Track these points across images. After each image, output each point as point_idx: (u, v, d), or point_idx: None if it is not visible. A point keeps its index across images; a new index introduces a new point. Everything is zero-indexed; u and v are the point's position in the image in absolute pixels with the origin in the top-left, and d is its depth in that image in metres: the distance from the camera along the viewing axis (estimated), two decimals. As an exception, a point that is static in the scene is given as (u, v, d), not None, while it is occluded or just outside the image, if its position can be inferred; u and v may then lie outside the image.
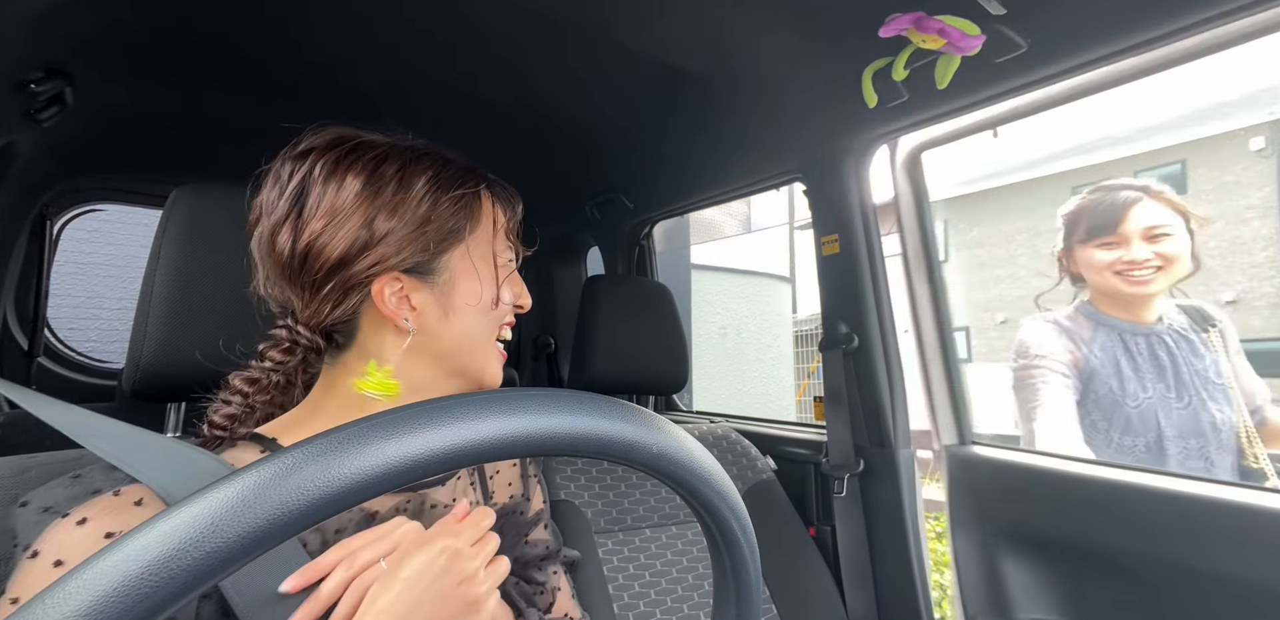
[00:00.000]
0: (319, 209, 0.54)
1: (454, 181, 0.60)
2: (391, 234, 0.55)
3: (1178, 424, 1.22)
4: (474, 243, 0.60)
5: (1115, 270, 1.25)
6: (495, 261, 0.62)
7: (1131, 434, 1.23)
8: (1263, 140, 8.85)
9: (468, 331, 0.60)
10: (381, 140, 0.60)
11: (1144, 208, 1.23)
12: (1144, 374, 1.26)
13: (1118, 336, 1.29)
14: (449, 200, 0.59)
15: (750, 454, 1.29)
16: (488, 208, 0.62)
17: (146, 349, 0.66)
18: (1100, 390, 1.26)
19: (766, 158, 1.32)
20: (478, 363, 0.61)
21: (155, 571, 0.24)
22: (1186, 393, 1.25)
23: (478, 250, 0.60)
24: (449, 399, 0.31)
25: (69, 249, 3.95)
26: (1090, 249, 1.28)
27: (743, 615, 0.43)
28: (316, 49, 1.06)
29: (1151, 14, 0.73)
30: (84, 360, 1.83)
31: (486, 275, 0.60)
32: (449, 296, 0.58)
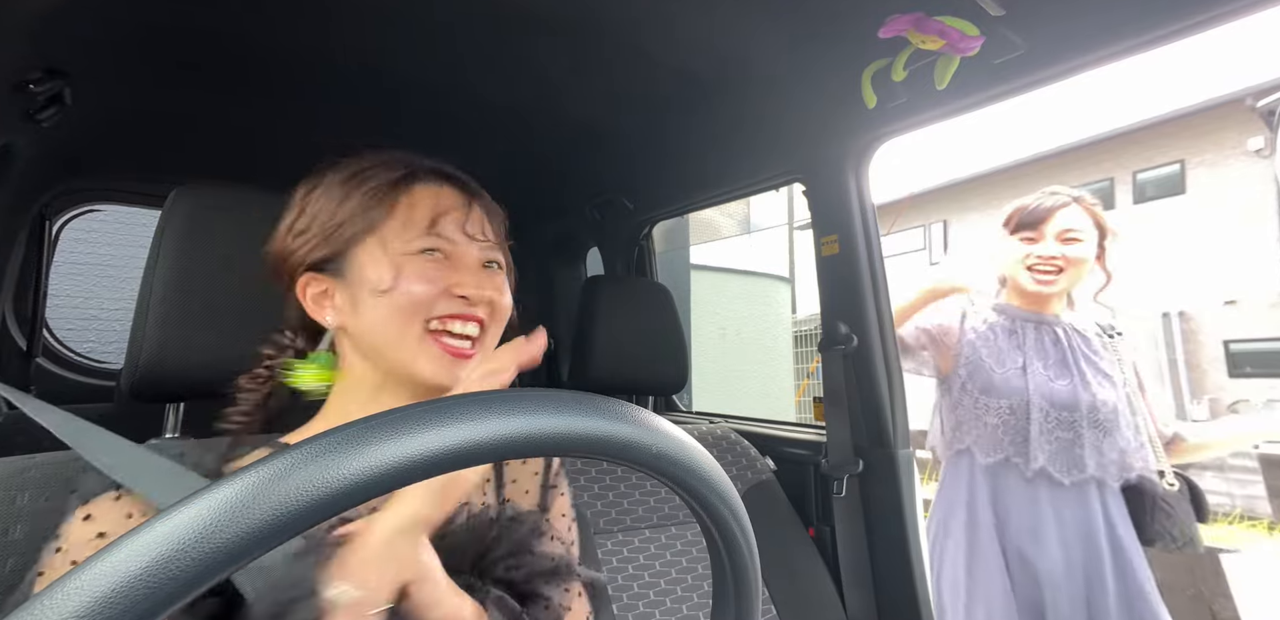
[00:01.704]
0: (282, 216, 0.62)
1: (370, 175, 0.61)
2: (305, 233, 0.60)
3: (1049, 395, 1.33)
4: (388, 235, 0.59)
5: (1026, 264, 1.36)
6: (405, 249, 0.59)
7: (993, 395, 1.35)
8: (1260, 140, 8.86)
9: (377, 323, 0.58)
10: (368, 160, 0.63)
11: (1068, 212, 1.34)
12: (1024, 351, 1.38)
13: (1008, 319, 1.41)
14: (361, 194, 0.59)
15: (750, 454, 1.29)
16: (406, 199, 0.60)
17: (145, 350, 0.66)
18: (970, 356, 1.38)
19: (766, 158, 1.32)
20: (401, 357, 0.58)
21: (154, 571, 0.24)
22: (1069, 373, 1.35)
23: (394, 241, 0.59)
24: (448, 399, 0.31)
25: (68, 249, 3.95)
26: (1012, 242, 1.38)
27: (742, 616, 0.43)
28: (316, 50, 1.06)
29: (1149, 15, 0.73)
30: (82, 361, 1.83)
31: (393, 262, 0.58)
32: (357, 289, 0.58)
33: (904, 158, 10.65)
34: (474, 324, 0.60)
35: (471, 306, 0.59)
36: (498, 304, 0.62)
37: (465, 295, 0.59)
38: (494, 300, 0.61)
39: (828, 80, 1.05)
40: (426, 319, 0.58)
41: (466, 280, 0.59)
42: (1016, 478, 1.32)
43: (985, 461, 1.34)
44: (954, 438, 1.39)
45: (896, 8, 0.80)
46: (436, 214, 0.60)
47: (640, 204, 1.70)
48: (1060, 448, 1.30)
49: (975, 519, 1.33)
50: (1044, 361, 1.36)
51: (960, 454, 1.38)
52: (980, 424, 1.35)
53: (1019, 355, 1.36)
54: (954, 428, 1.39)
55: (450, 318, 0.59)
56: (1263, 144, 8.86)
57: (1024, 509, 1.31)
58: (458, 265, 0.60)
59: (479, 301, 0.60)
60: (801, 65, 1.05)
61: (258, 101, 1.25)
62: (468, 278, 0.59)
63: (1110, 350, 1.40)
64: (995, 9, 0.77)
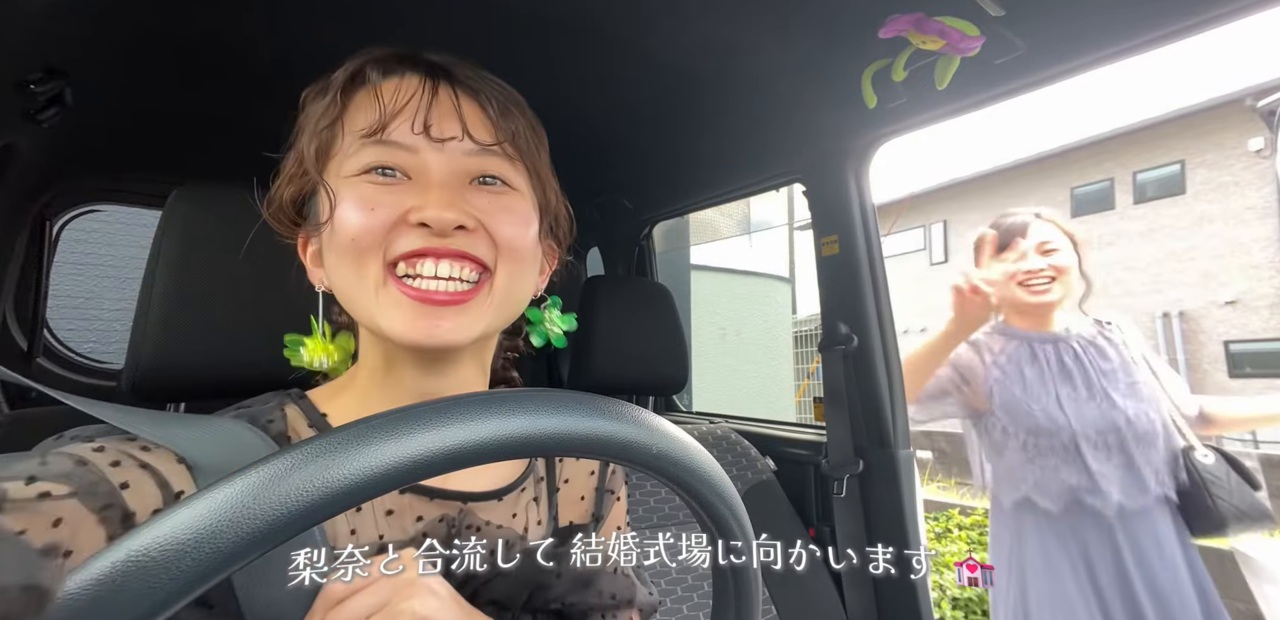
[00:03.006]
0: None
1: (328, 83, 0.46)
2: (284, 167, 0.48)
3: (1090, 422, 1.29)
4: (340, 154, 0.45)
5: (1018, 281, 1.37)
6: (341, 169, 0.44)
7: (1040, 434, 1.30)
8: (1260, 140, 8.86)
9: (334, 275, 0.45)
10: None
11: (1036, 227, 1.38)
12: (1049, 379, 1.34)
13: (1026, 346, 1.39)
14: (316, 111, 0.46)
15: (750, 455, 1.29)
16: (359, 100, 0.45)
17: (146, 350, 0.66)
18: (1003, 395, 1.34)
19: (766, 158, 1.32)
20: (365, 312, 0.44)
21: (154, 572, 0.24)
22: (1095, 393, 1.32)
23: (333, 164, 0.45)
24: (449, 399, 0.31)
25: (68, 249, 3.95)
26: (995, 265, 1.39)
27: (742, 616, 0.43)
28: (315, 50, 1.06)
29: (1149, 15, 0.73)
30: (83, 361, 1.83)
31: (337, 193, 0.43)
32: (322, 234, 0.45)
33: (904, 158, 10.65)
34: (458, 262, 0.43)
35: (440, 237, 0.42)
36: (500, 233, 0.45)
37: (424, 221, 0.42)
38: (487, 227, 0.44)
39: (828, 80, 1.05)
40: (388, 262, 0.43)
41: (428, 200, 0.42)
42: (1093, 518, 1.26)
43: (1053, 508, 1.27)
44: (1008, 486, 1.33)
45: (896, 8, 0.80)
46: (386, 113, 0.43)
47: (640, 204, 1.70)
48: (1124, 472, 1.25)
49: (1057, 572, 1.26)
50: (1072, 385, 1.32)
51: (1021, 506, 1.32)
52: (1035, 468, 1.29)
53: (1049, 384, 1.33)
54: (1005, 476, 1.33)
55: (414, 256, 0.42)
56: (1263, 144, 8.86)
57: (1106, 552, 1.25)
58: (419, 183, 0.44)
59: (444, 229, 0.42)
60: (801, 65, 1.05)
61: (258, 102, 1.24)
62: (430, 196, 0.43)
63: (1116, 346, 1.38)
64: (995, 9, 0.77)
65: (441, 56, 0.48)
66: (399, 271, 0.43)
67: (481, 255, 0.44)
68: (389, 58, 0.46)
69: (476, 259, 0.44)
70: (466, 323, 0.44)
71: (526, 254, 0.47)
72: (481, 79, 0.48)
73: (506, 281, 0.46)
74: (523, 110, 0.50)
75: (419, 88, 0.45)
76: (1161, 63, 9.59)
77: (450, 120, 0.45)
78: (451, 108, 0.45)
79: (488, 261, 0.45)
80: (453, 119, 0.45)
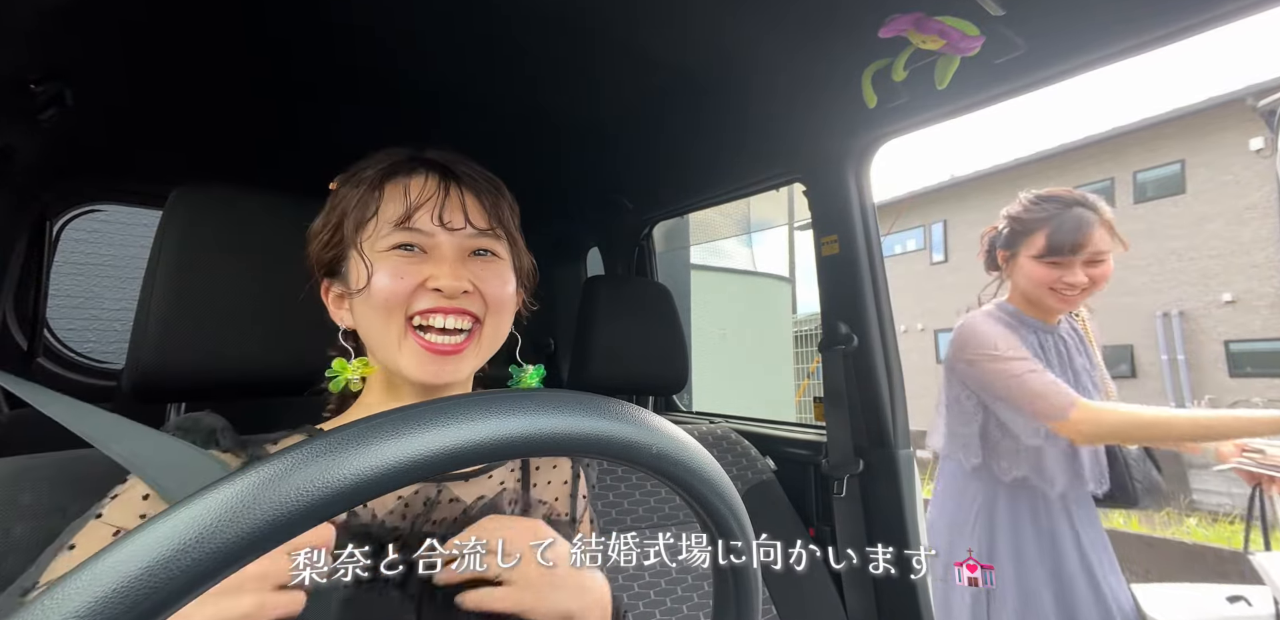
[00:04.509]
0: None
1: (362, 175, 0.60)
2: (316, 237, 0.61)
3: None
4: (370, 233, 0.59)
5: (1051, 287, 1.31)
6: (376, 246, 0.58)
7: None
8: (1261, 140, 8.85)
9: (364, 323, 0.59)
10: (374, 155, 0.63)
11: (1098, 235, 1.28)
12: (1053, 369, 1.35)
13: (1034, 335, 1.39)
14: (352, 195, 0.60)
15: (750, 454, 1.29)
16: (389, 194, 0.59)
17: (146, 350, 0.66)
18: None
19: (766, 158, 1.32)
20: (387, 355, 0.58)
21: (154, 572, 0.24)
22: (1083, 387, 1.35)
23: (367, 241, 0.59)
24: (449, 399, 0.31)
25: (69, 249, 3.95)
26: (1036, 264, 1.32)
27: (742, 616, 0.43)
28: (317, 51, 1.06)
29: (1149, 15, 0.73)
30: (83, 361, 1.83)
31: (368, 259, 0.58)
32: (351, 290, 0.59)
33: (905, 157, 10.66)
34: (460, 317, 0.58)
35: (449, 299, 0.57)
36: (490, 294, 0.59)
37: (439, 287, 0.56)
38: (480, 290, 0.59)
39: (828, 80, 1.05)
40: (408, 316, 0.57)
41: (441, 272, 0.57)
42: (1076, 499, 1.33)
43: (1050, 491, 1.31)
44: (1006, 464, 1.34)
45: (896, 8, 0.80)
46: (412, 207, 0.58)
47: (640, 204, 1.70)
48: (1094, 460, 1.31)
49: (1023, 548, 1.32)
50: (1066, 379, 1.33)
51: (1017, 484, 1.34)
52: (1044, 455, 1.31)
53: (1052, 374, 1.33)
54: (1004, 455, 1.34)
55: (429, 312, 0.57)
56: (1263, 144, 8.85)
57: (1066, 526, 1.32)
58: (434, 257, 0.58)
59: (454, 293, 0.57)
60: (802, 65, 1.05)
61: (258, 102, 1.25)
62: (443, 269, 0.57)
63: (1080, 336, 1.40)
64: (995, 9, 0.77)
65: (446, 156, 0.63)
66: (415, 323, 0.57)
67: (475, 310, 0.59)
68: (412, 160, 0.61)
69: (472, 314, 0.59)
70: (462, 366, 0.59)
71: (507, 306, 0.62)
72: (477, 175, 0.63)
73: (492, 330, 0.61)
74: (504, 194, 0.64)
75: (437, 188, 0.59)
76: (1161, 63, 9.59)
77: (458, 213, 0.59)
78: (459, 203, 0.60)
79: (479, 315, 0.59)
80: (459, 211, 0.60)
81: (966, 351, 1.33)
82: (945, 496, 1.41)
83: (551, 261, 2.13)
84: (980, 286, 1.49)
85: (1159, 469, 1.36)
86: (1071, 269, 1.28)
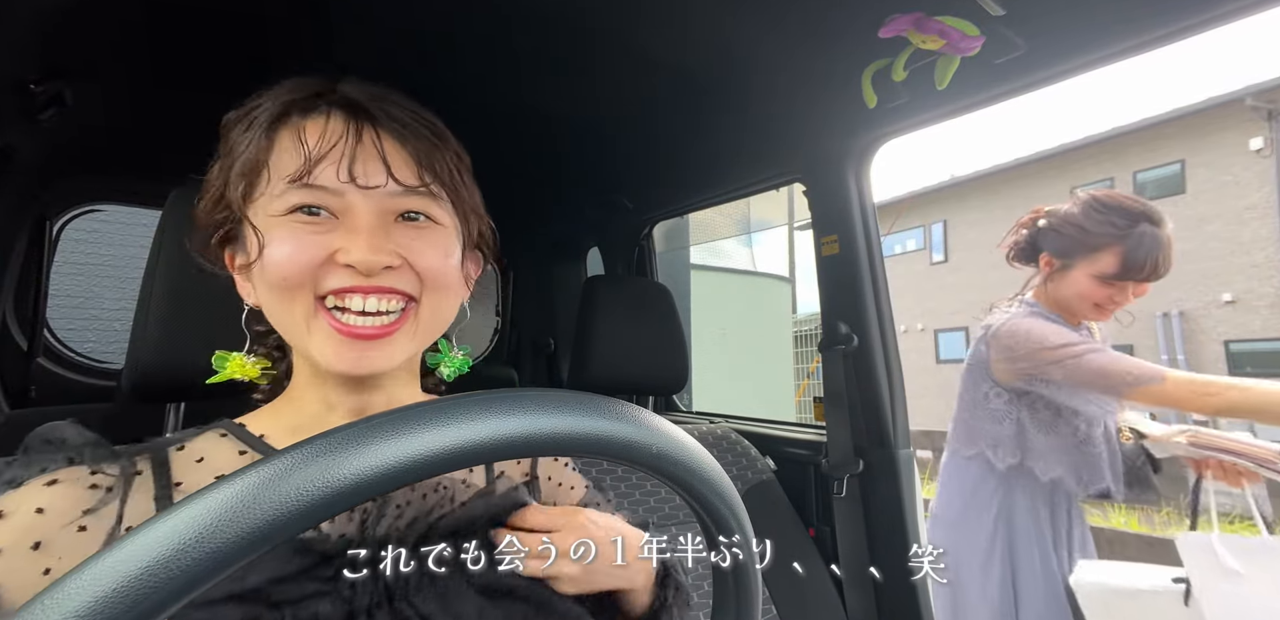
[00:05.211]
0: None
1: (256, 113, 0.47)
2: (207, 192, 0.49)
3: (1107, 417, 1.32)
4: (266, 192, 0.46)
5: (1098, 303, 1.28)
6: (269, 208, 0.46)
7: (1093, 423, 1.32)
8: (1261, 140, 8.86)
9: (264, 301, 0.47)
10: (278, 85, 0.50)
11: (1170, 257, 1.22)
12: None
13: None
14: (243, 141, 0.47)
15: (750, 454, 1.29)
16: (288, 139, 0.46)
17: (146, 350, 0.66)
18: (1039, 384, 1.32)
19: (766, 158, 1.32)
20: (296, 341, 0.47)
21: (154, 572, 0.24)
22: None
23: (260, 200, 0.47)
24: (449, 399, 0.31)
25: (68, 249, 3.95)
26: (1095, 282, 1.26)
27: (742, 616, 0.43)
28: (316, 50, 1.06)
29: (1149, 15, 0.73)
30: (83, 361, 1.83)
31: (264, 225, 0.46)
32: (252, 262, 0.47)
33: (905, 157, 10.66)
34: (385, 297, 0.46)
35: (367, 277, 0.45)
36: (424, 268, 0.47)
37: (350, 263, 0.44)
38: (411, 263, 0.46)
39: (828, 80, 1.05)
40: (317, 295, 0.45)
41: (354, 243, 0.44)
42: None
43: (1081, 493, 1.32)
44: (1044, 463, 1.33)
45: (896, 8, 0.80)
46: (312, 158, 0.45)
47: (640, 204, 1.70)
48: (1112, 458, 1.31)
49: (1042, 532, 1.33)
50: None
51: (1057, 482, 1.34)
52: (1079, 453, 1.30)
53: None
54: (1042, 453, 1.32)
55: (343, 292, 0.45)
56: (1263, 144, 8.86)
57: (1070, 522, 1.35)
58: (345, 224, 0.45)
59: (372, 270, 0.44)
60: (802, 65, 1.05)
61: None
62: (356, 240, 0.44)
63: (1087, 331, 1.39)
64: (995, 9, 0.77)
65: (361, 90, 0.49)
66: (328, 303, 0.45)
67: (406, 288, 0.47)
68: (310, 95, 0.48)
69: (402, 292, 0.47)
70: (392, 352, 0.47)
71: (450, 282, 0.49)
72: (405, 114, 0.49)
73: (431, 310, 0.49)
74: (445, 140, 0.51)
75: (343, 132, 0.46)
76: (1161, 63, 9.59)
77: (374, 165, 0.46)
78: (375, 153, 0.46)
79: (413, 293, 0.47)
80: (377, 164, 0.46)
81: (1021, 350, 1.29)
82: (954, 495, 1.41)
83: (551, 261, 2.13)
84: (980, 287, 1.49)
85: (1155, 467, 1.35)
86: (1126, 290, 1.25)
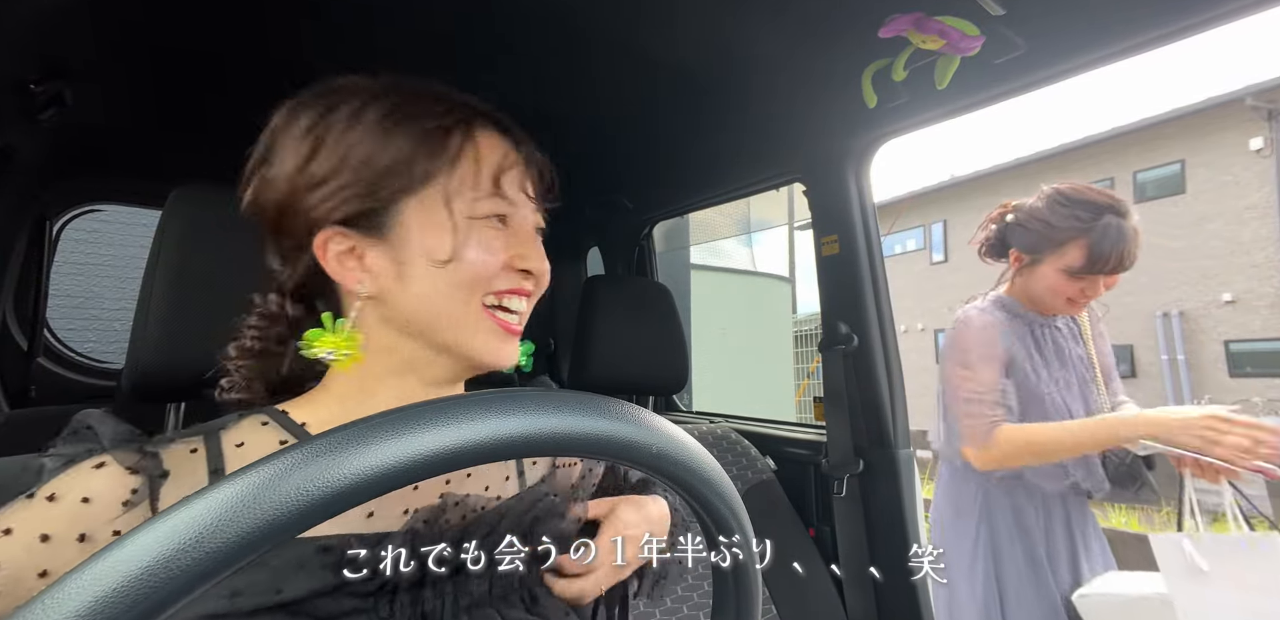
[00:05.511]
0: (273, 159, 0.50)
1: (419, 114, 0.50)
2: (328, 179, 0.48)
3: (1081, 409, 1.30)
4: (443, 188, 0.49)
5: (1069, 297, 1.27)
6: (470, 211, 0.50)
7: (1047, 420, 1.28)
8: (1261, 140, 8.85)
9: (428, 295, 0.49)
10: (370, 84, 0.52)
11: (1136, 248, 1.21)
12: (1051, 363, 1.33)
13: (1028, 327, 1.34)
14: (406, 137, 0.49)
15: (750, 454, 1.29)
16: (469, 148, 0.51)
17: (146, 349, 0.66)
18: (1019, 377, 1.30)
19: (766, 158, 1.32)
20: (458, 336, 0.50)
21: (154, 572, 0.24)
22: (1077, 380, 1.33)
23: (453, 201, 0.50)
24: (449, 399, 0.31)
25: (68, 249, 3.96)
26: (1063, 277, 1.25)
27: (742, 616, 0.43)
28: (317, 50, 1.06)
29: (1149, 15, 0.73)
30: (83, 360, 1.83)
31: (459, 226, 0.49)
32: (403, 253, 0.49)
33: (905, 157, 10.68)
34: (526, 299, 0.54)
35: (526, 280, 0.53)
36: (546, 277, 0.55)
37: (528, 269, 0.52)
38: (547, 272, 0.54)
39: (828, 80, 1.05)
40: (485, 293, 0.51)
41: (529, 252, 0.52)
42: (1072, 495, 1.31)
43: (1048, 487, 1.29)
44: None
45: (896, 8, 0.80)
46: (500, 170, 0.51)
47: (640, 204, 1.70)
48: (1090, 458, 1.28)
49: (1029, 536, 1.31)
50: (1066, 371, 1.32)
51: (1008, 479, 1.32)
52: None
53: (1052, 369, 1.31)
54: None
55: (508, 293, 0.52)
56: (1263, 144, 8.86)
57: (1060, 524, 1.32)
58: (518, 233, 0.53)
59: (543, 276, 0.53)
60: (802, 65, 1.05)
61: (258, 102, 1.25)
62: (530, 249, 0.52)
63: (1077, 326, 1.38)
64: (995, 9, 0.77)
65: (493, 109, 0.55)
66: (487, 301, 0.51)
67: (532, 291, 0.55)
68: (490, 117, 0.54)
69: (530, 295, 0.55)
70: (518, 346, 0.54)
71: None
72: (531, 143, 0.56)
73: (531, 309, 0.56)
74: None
75: (511, 149, 0.53)
76: (1161, 63, 9.61)
77: (531, 183, 0.55)
78: (535, 172, 0.55)
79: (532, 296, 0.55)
80: (536, 181, 0.55)
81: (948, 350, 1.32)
82: (942, 497, 1.41)
83: (551, 261, 2.12)
84: (981, 287, 1.48)
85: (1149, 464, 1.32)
86: (1096, 283, 1.24)
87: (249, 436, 0.49)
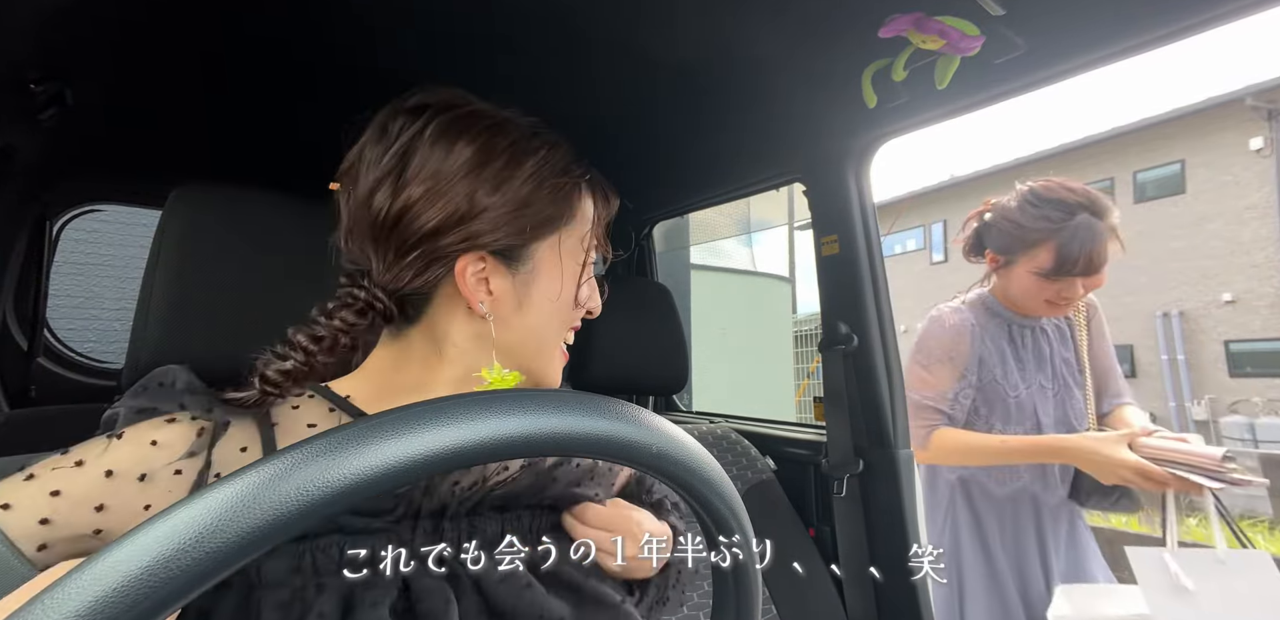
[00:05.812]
0: (423, 172, 0.52)
1: (560, 167, 0.58)
2: (489, 211, 0.53)
3: (1054, 416, 1.28)
4: (565, 236, 0.58)
5: (1047, 300, 1.25)
6: (584, 259, 0.60)
7: (1012, 423, 1.27)
8: (1261, 140, 8.86)
9: (538, 328, 0.58)
10: (495, 111, 0.59)
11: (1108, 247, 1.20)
12: (1027, 365, 1.30)
13: (1006, 326, 1.32)
14: (551, 186, 0.56)
15: (750, 454, 1.29)
16: (585, 202, 0.60)
17: (146, 350, 0.66)
18: (986, 378, 1.28)
19: (766, 158, 1.32)
20: (541, 361, 0.59)
21: (154, 572, 0.24)
22: (1059, 384, 1.30)
23: (567, 244, 0.59)
24: (448, 399, 0.31)
25: (68, 249, 3.96)
26: (1036, 279, 1.24)
27: (742, 615, 0.43)
28: (317, 50, 1.06)
29: (1149, 15, 0.73)
30: (84, 361, 1.83)
31: (570, 272, 0.59)
32: (528, 288, 0.56)
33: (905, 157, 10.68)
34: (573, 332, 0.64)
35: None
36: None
37: (592, 310, 0.63)
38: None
39: (828, 80, 1.05)
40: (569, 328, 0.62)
41: (596, 295, 0.64)
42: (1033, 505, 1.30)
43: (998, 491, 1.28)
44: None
45: (896, 7, 0.80)
46: (599, 221, 0.62)
47: (640, 204, 1.70)
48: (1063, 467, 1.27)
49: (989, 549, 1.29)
50: (1044, 374, 1.31)
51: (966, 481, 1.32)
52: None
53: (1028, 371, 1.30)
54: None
55: (574, 328, 0.63)
56: (1263, 144, 8.86)
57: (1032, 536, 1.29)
58: (593, 280, 0.63)
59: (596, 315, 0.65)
60: (802, 65, 1.05)
61: (258, 102, 1.25)
62: (596, 295, 0.64)
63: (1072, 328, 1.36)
64: (995, 9, 0.77)
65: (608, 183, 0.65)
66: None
67: None
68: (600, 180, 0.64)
69: None
70: None
71: None
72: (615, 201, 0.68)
73: None
74: None
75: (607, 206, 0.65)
76: (1161, 63, 9.61)
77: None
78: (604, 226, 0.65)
79: None
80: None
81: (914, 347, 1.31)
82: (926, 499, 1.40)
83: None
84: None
85: None
86: (1073, 284, 1.22)
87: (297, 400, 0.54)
